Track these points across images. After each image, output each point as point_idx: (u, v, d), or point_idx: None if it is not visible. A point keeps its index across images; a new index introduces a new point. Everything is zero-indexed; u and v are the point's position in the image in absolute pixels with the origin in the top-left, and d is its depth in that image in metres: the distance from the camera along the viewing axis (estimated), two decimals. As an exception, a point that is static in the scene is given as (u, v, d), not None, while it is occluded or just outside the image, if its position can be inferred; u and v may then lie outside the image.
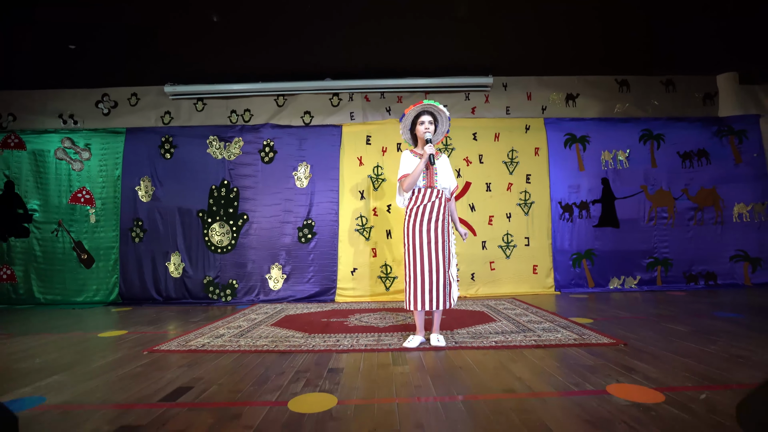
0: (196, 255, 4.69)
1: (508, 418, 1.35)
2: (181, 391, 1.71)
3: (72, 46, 3.99)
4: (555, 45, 4.23)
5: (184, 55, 4.23)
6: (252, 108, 4.92)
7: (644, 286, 4.79)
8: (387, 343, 2.43)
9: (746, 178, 4.85)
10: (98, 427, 1.37)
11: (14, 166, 4.82)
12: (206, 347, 2.45)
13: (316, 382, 1.77)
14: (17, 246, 4.76)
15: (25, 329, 3.33)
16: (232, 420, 1.40)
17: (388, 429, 1.30)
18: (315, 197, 4.67)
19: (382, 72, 4.68)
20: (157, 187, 4.75)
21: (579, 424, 1.29)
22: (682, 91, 5.06)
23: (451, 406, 1.49)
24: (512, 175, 4.84)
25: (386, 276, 4.59)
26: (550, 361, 1.99)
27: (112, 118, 4.95)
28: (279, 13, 3.53)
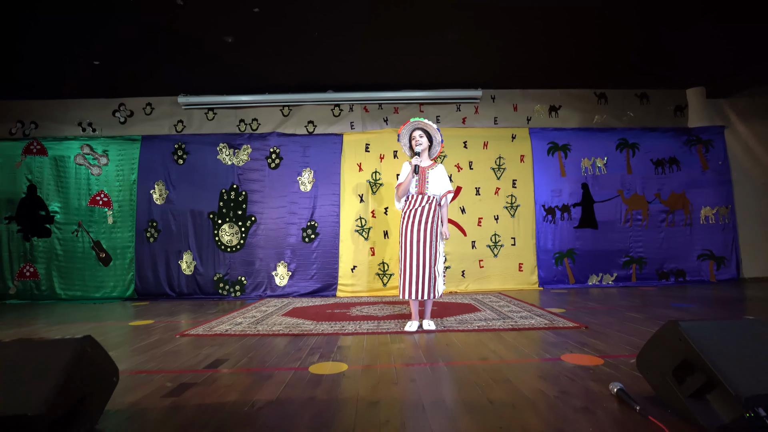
0: (207, 254, 5.06)
1: (480, 375, 1.75)
2: (219, 361, 2.10)
3: (96, 62, 4.36)
4: (538, 61, 4.65)
5: (197, 69, 4.60)
6: (259, 117, 5.30)
7: (620, 283, 5.22)
8: (386, 328, 2.83)
9: (712, 184, 5.31)
10: (162, 384, 1.75)
11: (36, 170, 5.16)
12: (229, 332, 2.84)
13: (329, 355, 2.17)
14: (40, 245, 5.10)
15: (61, 320, 3.69)
16: (267, 379, 1.79)
17: (389, 382, 1.70)
18: (318, 200, 5.06)
19: (380, 85, 5.08)
20: (170, 191, 5.12)
21: (533, 378, 1.69)
22: (655, 103, 5.51)
23: (437, 368, 1.89)
24: (500, 181, 5.26)
25: (383, 273, 4.99)
26: (521, 340, 2.41)
27: (128, 126, 5.31)
28: (289, 37, 3.92)
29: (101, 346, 1.35)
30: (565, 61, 4.65)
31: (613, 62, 4.73)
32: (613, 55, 4.55)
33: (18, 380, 1.12)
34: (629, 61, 4.69)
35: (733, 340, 1.20)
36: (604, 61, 4.68)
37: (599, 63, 4.74)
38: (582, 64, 4.75)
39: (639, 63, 4.74)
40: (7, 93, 5.13)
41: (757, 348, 1.19)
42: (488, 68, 4.80)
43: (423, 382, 1.71)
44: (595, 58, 4.60)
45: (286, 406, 1.46)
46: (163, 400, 1.56)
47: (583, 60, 4.65)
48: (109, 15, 3.50)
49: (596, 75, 5.14)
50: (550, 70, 4.92)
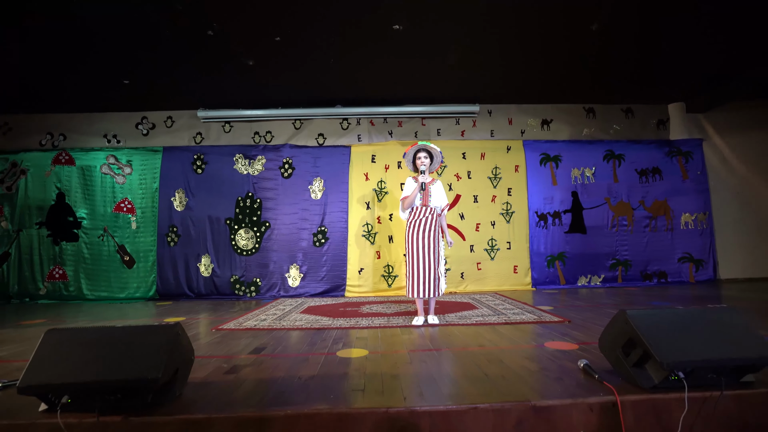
0: (224, 257, 5.45)
1: (477, 358, 2.15)
2: (259, 349, 2.49)
3: (126, 81, 4.75)
4: (531, 79, 5.07)
5: (216, 87, 5.00)
6: (273, 130, 5.71)
7: (607, 283, 5.64)
8: (395, 323, 3.23)
9: (691, 192, 5.75)
10: (219, 365, 2.15)
11: (65, 179, 5.54)
12: (258, 326, 3.23)
13: (351, 344, 2.56)
14: (68, 249, 5.48)
15: (97, 318, 4.06)
16: (304, 362, 2.18)
17: (404, 363, 2.09)
18: (328, 207, 5.46)
19: (385, 101, 5.49)
20: (189, 198, 5.51)
21: (521, 359, 2.10)
22: (639, 117, 5.95)
23: (442, 353, 2.29)
24: (496, 189, 5.68)
25: (388, 275, 5.39)
26: (512, 332, 2.81)
27: (150, 138, 5.70)
28: (305, 60, 4.33)
29: (185, 331, 1.75)
30: (556, 78, 5.08)
31: (600, 80, 5.15)
32: (600, 74, 4.97)
33: (138, 354, 1.51)
34: (615, 78, 5.12)
35: (665, 324, 1.61)
36: (592, 78, 5.10)
37: (588, 80, 5.16)
38: (572, 81, 5.17)
39: (624, 81, 5.17)
40: (37, 107, 5.51)
41: (682, 329, 1.59)
42: (485, 86, 5.23)
43: (431, 362, 2.11)
44: (584, 76, 5.01)
45: (326, 379, 1.86)
46: (225, 376, 1.96)
47: (573, 78, 5.06)
48: (147, 44, 3.90)
49: (585, 91, 5.57)
50: (542, 87, 5.35)
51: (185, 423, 1.46)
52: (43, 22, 3.51)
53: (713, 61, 4.66)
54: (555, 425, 1.49)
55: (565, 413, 1.50)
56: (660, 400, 1.52)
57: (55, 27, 3.59)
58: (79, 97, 5.25)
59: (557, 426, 1.49)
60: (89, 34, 3.72)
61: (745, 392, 1.54)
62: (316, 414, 1.47)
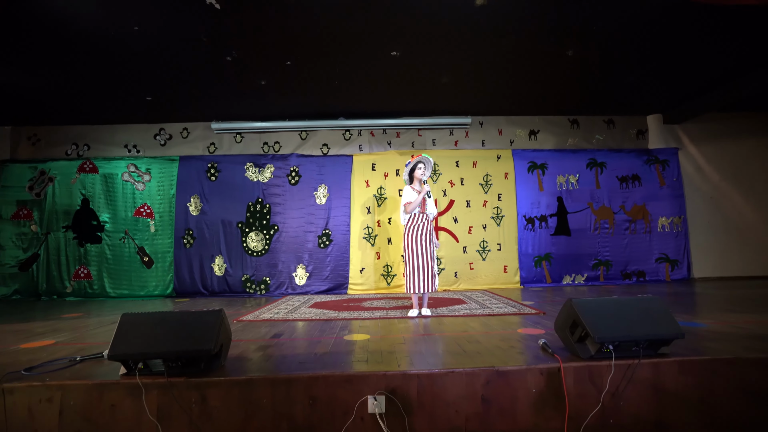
0: (236, 257, 5.91)
1: (460, 340, 2.61)
2: (278, 334, 2.96)
3: (148, 97, 5.22)
4: (519, 94, 5.52)
5: (230, 102, 5.47)
6: (281, 141, 6.18)
7: (590, 282, 6.10)
8: (393, 315, 3.70)
9: (668, 197, 6.22)
10: (247, 347, 2.60)
11: (89, 186, 6.01)
12: (273, 318, 3.69)
13: (355, 331, 3.03)
14: (92, 250, 5.94)
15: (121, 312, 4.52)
16: (317, 343, 2.64)
17: (400, 343, 2.55)
18: (332, 212, 5.93)
19: (384, 113, 5.96)
20: (204, 203, 5.97)
21: (495, 340, 2.56)
22: (620, 128, 6.43)
23: (432, 337, 2.75)
24: (487, 194, 6.15)
25: (387, 274, 5.86)
26: (493, 321, 3.27)
27: (167, 147, 6.17)
28: (312, 81, 4.80)
29: (226, 316, 2.21)
30: (542, 93, 5.53)
31: (583, 94, 5.61)
32: (582, 89, 5.43)
33: (195, 331, 1.98)
34: (597, 93, 5.58)
35: (601, 309, 2.07)
36: (575, 93, 5.55)
37: (571, 94, 5.61)
38: (556, 95, 5.62)
39: (605, 95, 5.63)
40: (63, 119, 5.98)
41: (613, 313, 2.05)
42: (476, 99, 5.69)
43: (422, 343, 2.57)
44: (568, 91, 5.45)
45: (336, 354, 2.32)
46: (255, 353, 2.42)
47: (557, 92, 5.51)
48: (172, 69, 4.37)
49: (569, 104, 6.04)
50: (529, 101, 5.82)
51: (232, 382, 1.92)
52: (80, 55, 3.98)
53: (685, 79, 5.12)
54: (513, 385, 1.95)
55: (521, 376, 1.96)
56: (594, 367, 1.98)
57: (90, 58, 4.06)
58: (102, 111, 5.72)
59: (515, 386, 1.95)
60: (120, 62, 4.19)
61: (660, 360, 2.00)
62: (330, 375, 1.93)
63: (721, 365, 1.97)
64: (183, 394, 1.90)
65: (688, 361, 2.00)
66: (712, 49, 4.33)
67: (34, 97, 5.13)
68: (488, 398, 1.94)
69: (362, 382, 1.92)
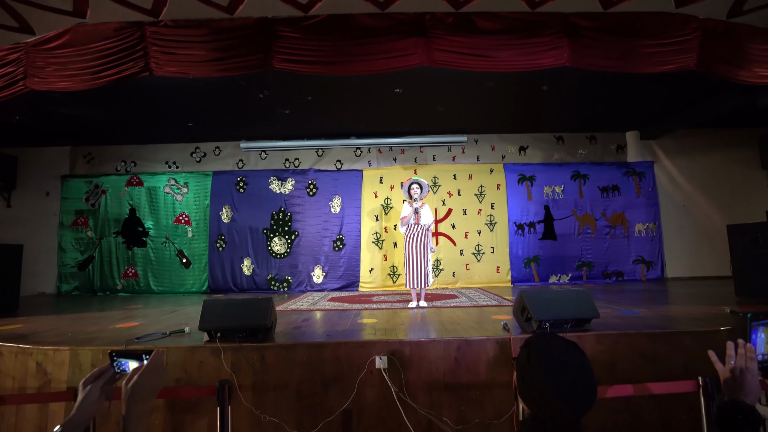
0: (262, 259, 6.81)
1: (445, 323, 3.43)
2: (306, 319, 3.82)
3: (190, 123, 6.15)
4: (509, 115, 6.32)
5: (256, 126, 6.37)
6: (300, 157, 7.07)
7: (574, 281, 6.86)
8: (396, 306, 4.54)
9: (644, 205, 6.95)
10: (286, 326, 3.46)
11: (136, 197, 6.97)
12: (299, 308, 4.56)
13: (366, 317, 3.87)
14: (138, 253, 6.89)
15: (166, 305, 5.44)
16: (337, 324, 3.50)
17: (400, 324, 3.40)
18: (344, 219, 6.80)
19: (390, 133, 6.81)
20: (234, 212, 6.89)
21: (472, 323, 3.38)
22: (601, 143, 7.18)
23: (425, 320, 3.58)
24: (481, 204, 6.95)
25: (393, 274, 6.70)
26: (475, 311, 4.10)
27: (202, 164, 7.10)
28: (329, 110, 5.68)
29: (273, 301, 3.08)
30: (529, 115, 6.33)
31: (565, 115, 6.39)
32: (564, 112, 6.21)
33: (255, 311, 2.84)
34: (577, 114, 6.35)
35: (542, 298, 2.88)
36: (558, 115, 6.33)
37: (556, 115, 6.38)
38: (543, 116, 6.40)
39: (586, 115, 6.40)
40: (113, 140, 6.95)
41: (551, 300, 2.87)
42: (471, 121, 6.52)
43: (416, 324, 3.41)
44: (553, 112, 6.23)
45: (352, 331, 3.17)
46: (293, 329, 3.29)
47: (544, 114, 6.29)
48: (213, 102, 5.28)
49: (554, 123, 6.82)
50: (518, 121, 6.62)
51: (281, 346, 2.78)
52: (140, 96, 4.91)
53: (656, 103, 5.86)
54: (476, 351, 2.78)
55: (482, 345, 2.79)
56: (535, 338, 2.80)
57: (148, 98, 4.98)
58: (148, 133, 6.68)
59: (478, 351, 2.78)
60: (171, 100, 5.11)
61: (583, 333, 2.81)
62: (348, 342, 2.78)
63: (624, 337, 2.78)
64: (248, 354, 2.76)
65: (602, 335, 2.81)
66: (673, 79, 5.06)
67: (93, 124, 6.09)
68: (459, 359, 2.77)
69: (371, 347, 2.76)
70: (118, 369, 1.05)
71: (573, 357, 0.96)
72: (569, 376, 0.93)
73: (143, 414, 0.92)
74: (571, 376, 0.93)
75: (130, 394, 0.91)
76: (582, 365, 0.95)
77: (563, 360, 0.95)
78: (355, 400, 2.66)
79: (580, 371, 0.94)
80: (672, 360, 2.73)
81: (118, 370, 1.05)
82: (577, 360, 0.96)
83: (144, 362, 0.99)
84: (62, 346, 2.87)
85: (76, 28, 3.04)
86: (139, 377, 0.93)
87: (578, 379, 0.93)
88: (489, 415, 2.67)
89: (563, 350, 0.98)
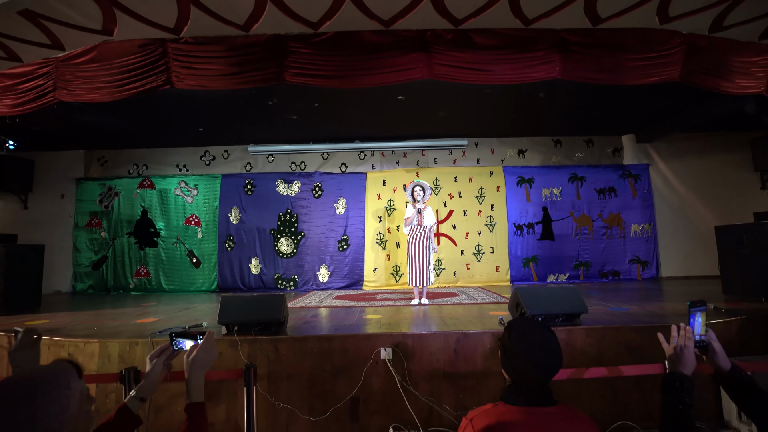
0: (269, 259, 7.05)
1: (445, 318, 3.66)
2: (315, 315, 4.05)
3: (200, 129, 6.40)
4: (508, 120, 6.54)
5: (263, 130, 6.62)
6: (306, 161, 7.31)
7: (571, 280, 7.06)
8: (399, 304, 4.77)
9: (640, 207, 7.15)
10: (297, 321, 3.70)
11: (147, 199, 7.22)
12: (307, 305, 4.80)
13: (370, 313, 4.10)
14: (150, 253, 7.14)
15: (177, 303, 5.68)
16: (344, 319, 3.73)
17: (403, 319, 3.62)
18: (349, 220, 7.03)
19: (393, 137, 7.04)
20: (242, 214, 7.13)
21: (471, 317, 3.61)
22: (598, 146, 7.39)
23: (426, 316, 3.81)
24: (481, 205, 7.17)
25: (396, 273, 6.93)
26: (474, 307, 4.32)
27: (211, 167, 7.36)
28: (335, 115, 5.91)
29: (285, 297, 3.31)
30: (528, 119, 6.55)
31: (563, 119, 6.60)
32: (561, 116, 6.43)
33: (269, 306, 3.08)
34: (575, 118, 6.56)
35: (535, 294, 3.10)
36: (557, 117, 6.53)
37: (554, 119, 6.59)
38: (541, 120, 6.61)
39: (584, 119, 6.60)
40: (126, 144, 7.21)
41: (544, 296, 3.09)
42: (471, 125, 6.74)
43: (419, 320, 3.64)
44: (551, 116, 6.43)
45: (359, 325, 3.40)
46: (304, 324, 3.52)
47: (542, 118, 6.50)
48: (223, 110, 5.53)
49: (553, 126, 7.03)
50: (517, 125, 6.84)
51: (293, 339, 3.02)
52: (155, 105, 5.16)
53: (650, 107, 6.05)
54: (474, 343, 3.01)
55: (479, 338, 3.02)
56: (528, 331, 3.03)
57: (161, 107, 5.23)
58: (159, 137, 6.93)
59: (475, 343, 3.01)
60: (184, 108, 5.35)
61: (573, 327, 3.03)
62: (355, 335, 3.02)
63: (611, 331, 3.00)
64: (263, 346, 3.00)
65: (591, 328, 3.03)
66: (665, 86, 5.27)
67: (107, 129, 6.34)
68: (458, 350, 3.00)
69: (376, 340, 2.99)
70: (176, 347, 1.30)
71: (543, 336, 1.20)
72: (541, 350, 1.16)
73: (200, 379, 1.17)
74: (542, 351, 1.16)
75: (191, 364, 1.16)
76: (550, 341, 1.18)
77: (536, 338, 1.19)
78: (361, 389, 2.89)
79: (549, 347, 1.17)
80: (653, 351, 2.94)
81: (176, 348, 1.30)
82: (547, 338, 1.19)
83: (198, 341, 1.24)
84: (91, 338, 3.12)
85: (103, 45, 3.29)
86: (197, 352, 1.18)
87: (548, 353, 1.17)
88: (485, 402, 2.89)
89: (536, 330, 1.21)
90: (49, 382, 0.76)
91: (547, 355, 1.16)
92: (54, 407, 0.73)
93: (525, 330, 1.22)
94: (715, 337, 1.27)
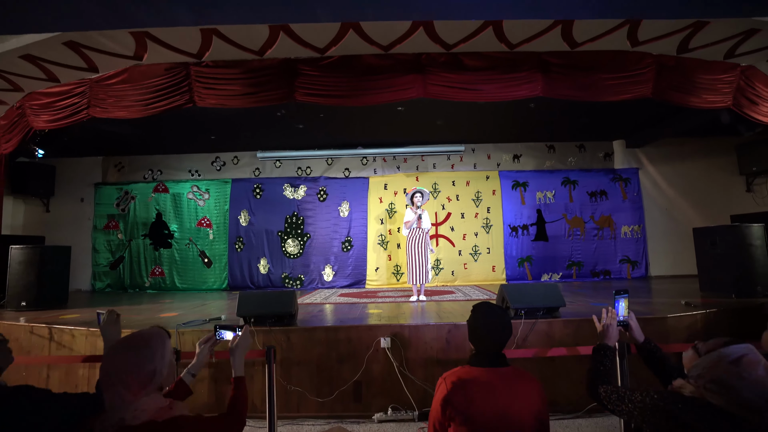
0: (277, 259, 7.44)
1: (441, 313, 4.03)
2: (321, 310, 4.44)
3: (213, 137, 6.81)
4: (503, 127, 6.90)
5: (271, 137, 7.01)
6: (311, 166, 7.70)
7: (564, 279, 7.41)
8: (399, 300, 5.15)
9: (629, 209, 7.49)
10: (306, 315, 4.08)
11: (162, 203, 7.63)
12: (314, 302, 5.18)
13: (372, 308, 4.48)
14: (164, 254, 7.55)
15: (190, 300, 6.08)
16: (348, 313, 4.10)
17: (402, 313, 4.00)
18: (352, 222, 7.42)
19: (394, 143, 7.42)
20: (251, 216, 7.53)
21: (461, 311, 3.97)
22: (590, 151, 7.73)
23: (424, 311, 4.18)
24: (478, 208, 7.53)
25: (397, 272, 7.30)
26: (467, 304, 4.65)
27: (222, 172, 7.76)
28: (341, 124, 6.30)
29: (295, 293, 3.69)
30: (523, 126, 6.90)
31: (557, 125, 6.95)
32: (553, 123, 6.78)
33: (281, 301, 3.46)
34: (566, 125, 6.91)
35: (519, 289, 3.46)
36: (551, 124, 6.88)
37: (548, 125, 6.94)
38: (535, 127, 6.96)
39: (576, 125, 6.96)
40: (142, 150, 7.62)
41: (527, 292, 3.45)
42: (468, 131, 7.10)
43: (416, 314, 4.02)
44: (544, 123, 6.78)
45: (362, 318, 3.78)
46: (312, 317, 3.90)
47: (535, 125, 6.85)
48: (234, 121, 5.93)
49: (546, 132, 7.38)
50: (513, 131, 7.19)
51: (303, 329, 3.40)
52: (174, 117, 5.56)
53: (640, 114, 6.40)
54: (463, 333, 3.33)
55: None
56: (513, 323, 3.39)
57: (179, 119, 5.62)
58: (173, 144, 7.34)
59: (464, 333, 3.34)
60: (200, 120, 5.75)
61: (553, 319, 3.40)
62: (359, 326, 3.39)
63: (586, 323, 3.36)
64: (277, 336, 3.39)
65: (569, 320, 3.40)
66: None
67: (125, 138, 6.76)
68: (449, 340, 3.37)
69: (377, 330, 3.37)
70: (219, 337, 1.70)
71: (499, 314, 1.57)
72: (498, 325, 1.54)
73: (242, 360, 1.59)
74: (499, 325, 1.54)
75: (236, 349, 1.57)
76: (503, 318, 1.56)
77: (493, 316, 1.56)
78: (364, 374, 3.27)
79: (502, 322, 1.55)
80: (623, 340, 3.30)
81: (219, 337, 1.70)
82: (500, 315, 1.57)
83: (238, 332, 1.64)
84: (125, 329, 3.51)
85: (133, 68, 3.69)
86: (239, 340, 1.59)
87: (503, 326, 1.54)
88: (473, 385, 3.26)
89: (494, 310, 1.59)
90: (161, 336, 1.17)
91: (502, 328, 1.54)
92: (166, 350, 1.15)
93: (485, 311, 1.60)
94: (634, 317, 1.65)
